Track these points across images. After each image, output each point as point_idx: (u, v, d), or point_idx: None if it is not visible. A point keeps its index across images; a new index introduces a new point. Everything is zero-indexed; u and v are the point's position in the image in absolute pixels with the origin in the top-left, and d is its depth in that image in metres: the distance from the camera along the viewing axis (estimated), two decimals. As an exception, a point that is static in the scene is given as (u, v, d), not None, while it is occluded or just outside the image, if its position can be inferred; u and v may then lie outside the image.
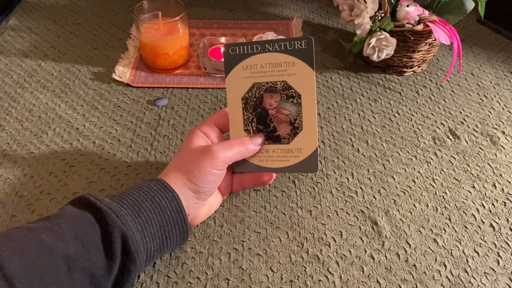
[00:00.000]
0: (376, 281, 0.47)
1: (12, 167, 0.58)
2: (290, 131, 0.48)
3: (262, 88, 0.48)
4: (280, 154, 0.49)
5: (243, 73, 0.48)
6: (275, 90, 0.48)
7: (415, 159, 0.62)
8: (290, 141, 0.49)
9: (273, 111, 0.49)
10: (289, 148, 0.49)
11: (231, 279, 0.47)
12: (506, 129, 0.67)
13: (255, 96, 0.49)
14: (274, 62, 0.48)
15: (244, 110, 0.49)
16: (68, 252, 0.36)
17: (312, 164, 0.49)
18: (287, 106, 0.48)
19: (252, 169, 0.50)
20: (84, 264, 0.37)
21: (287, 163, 0.49)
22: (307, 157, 0.48)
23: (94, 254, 0.37)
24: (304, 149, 0.49)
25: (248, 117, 0.49)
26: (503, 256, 0.50)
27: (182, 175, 0.45)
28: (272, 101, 0.48)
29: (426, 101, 0.72)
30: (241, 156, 0.48)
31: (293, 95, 0.48)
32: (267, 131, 0.49)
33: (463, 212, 0.55)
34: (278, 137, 0.49)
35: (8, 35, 0.83)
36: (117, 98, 0.70)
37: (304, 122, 0.48)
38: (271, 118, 0.49)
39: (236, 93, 0.49)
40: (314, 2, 0.98)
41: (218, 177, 0.46)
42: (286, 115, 0.48)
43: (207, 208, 0.50)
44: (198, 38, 0.84)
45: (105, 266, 0.38)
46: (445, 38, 0.67)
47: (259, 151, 0.49)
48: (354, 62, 0.80)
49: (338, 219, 0.53)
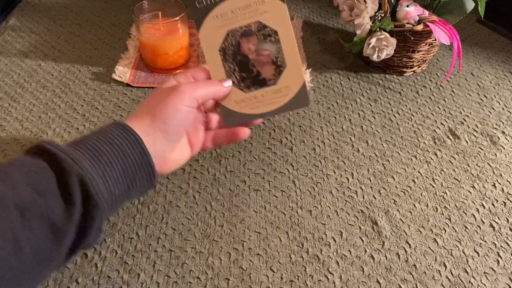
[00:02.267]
0: (376, 281, 0.47)
1: (12, 167, 0.58)
2: (274, 70, 0.47)
3: (237, 34, 0.47)
4: (269, 97, 0.48)
5: (215, 23, 0.47)
6: (250, 33, 0.47)
7: (415, 159, 0.62)
8: (277, 81, 0.47)
9: (253, 55, 0.47)
10: (277, 88, 0.47)
11: (231, 279, 0.47)
12: (506, 129, 0.67)
13: (232, 44, 0.47)
14: (243, 4, 0.47)
15: (224, 61, 0.48)
16: (21, 199, 0.34)
17: (303, 99, 0.47)
18: (266, 46, 0.47)
19: (244, 118, 0.48)
20: (40, 212, 0.34)
21: (278, 104, 0.48)
22: (296, 93, 0.47)
23: (51, 200, 0.35)
24: (292, 86, 0.48)
25: (230, 68, 0.48)
26: (503, 256, 0.50)
27: (148, 115, 0.42)
28: (250, 45, 0.47)
29: (426, 101, 0.72)
30: (211, 96, 0.46)
31: (270, 34, 0.47)
32: (252, 76, 0.48)
33: (463, 212, 0.55)
34: (263, 80, 0.48)
35: (8, 35, 0.83)
36: (117, 98, 0.70)
37: (287, 58, 0.47)
38: (253, 62, 0.47)
39: (213, 45, 0.48)
40: (314, 2, 0.98)
41: (186, 115, 0.43)
42: (267, 56, 0.47)
43: (176, 155, 0.46)
44: (198, 38, 0.84)
45: (65, 212, 0.35)
46: (445, 38, 0.67)
47: (248, 99, 0.48)
48: (354, 62, 0.80)
49: (338, 219, 0.53)
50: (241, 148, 0.62)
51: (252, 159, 0.60)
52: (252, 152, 0.62)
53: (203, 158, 0.60)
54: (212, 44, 0.48)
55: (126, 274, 0.47)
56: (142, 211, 0.54)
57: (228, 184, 0.57)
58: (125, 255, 0.49)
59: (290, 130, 0.65)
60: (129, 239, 0.51)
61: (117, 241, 0.50)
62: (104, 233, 0.51)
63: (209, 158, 0.60)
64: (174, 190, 0.56)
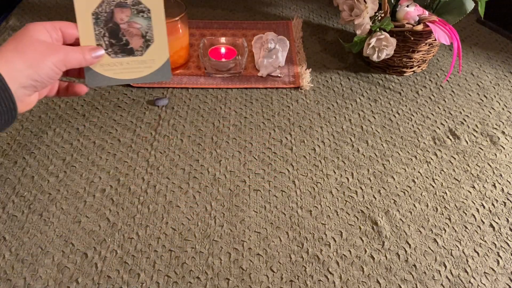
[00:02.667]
0: (376, 281, 0.47)
1: (12, 167, 0.58)
2: (143, 43, 0.52)
3: (112, 4, 0.51)
4: (134, 66, 0.52)
5: None
6: (125, 5, 0.51)
7: (415, 159, 0.62)
8: (143, 53, 0.52)
9: (124, 25, 0.51)
10: (142, 59, 0.52)
11: (231, 279, 0.47)
12: (506, 129, 0.67)
13: (105, 11, 0.51)
14: None
15: (95, 25, 0.51)
16: None
17: (165, 73, 0.53)
18: (138, 20, 0.52)
19: (106, 81, 0.52)
20: None
21: (141, 74, 0.53)
22: (160, 67, 0.53)
23: None
24: (156, 60, 0.53)
25: (100, 32, 0.51)
26: (503, 256, 0.50)
27: (23, 61, 0.46)
28: (123, 16, 0.51)
29: (426, 101, 0.72)
30: (79, 64, 0.50)
31: (143, 10, 0.51)
32: (120, 44, 0.52)
33: (463, 212, 0.55)
34: (131, 49, 0.52)
35: (8, 35, 0.83)
36: (117, 98, 0.70)
37: (155, 35, 0.52)
38: (123, 32, 0.51)
39: (86, 8, 0.51)
40: (314, 2, 0.98)
41: (56, 75, 0.47)
42: (138, 29, 0.52)
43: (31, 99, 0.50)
44: (198, 38, 0.84)
45: None
46: (445, 38, 0.67)
47: (113, 64, 0.52)
48: (354, 62, 0.80)
49: (338, 219, 0.53)
50: (241, 148, 0.62)
51: (252, 159, 0.61)
52: (252, 152, 0.62)
53: (203, 158, 0.60)
54: (85, 7, 0.51)
55: (126, 274, 0.47)
56: (142, 211, 0.54)
57: (228, 184, 0.57)
58: (125, 255, 0.49)
59: (290, 130, 0.65)
60: (129, 239, 0.51)
61: (117, 241, 0.50)
62: (104, 233, 0.51)
63: (209, 158, 0.60)
64: (174, 190, 0.56)
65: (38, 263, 0.48)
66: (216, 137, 0.64)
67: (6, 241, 0.50)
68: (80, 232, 0.51)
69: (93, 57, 0.51)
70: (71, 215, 0.53)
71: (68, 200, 0.54)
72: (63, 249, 0.49)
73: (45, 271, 0.47)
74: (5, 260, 0.48)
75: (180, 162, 0.60)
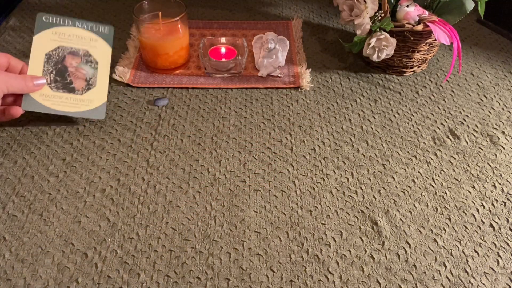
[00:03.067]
0: (376, 281, 0.47)
1: (12, 167, 0.58)
2: (85, 86, 0.59)
3: (66, 51, 0.59)
4: (72, 102, 0.58)
5: (51, 36, 0.59)
6: (77, 54, 0.59)
7: (415, 159, 0.62)
8: (83, 93, 0.59)
9: (72, 69, 0.59)
10: (81, 98, 0.59)
11: (231, 279, 0.47)
12: (506, 129, 0.67)
13: (58, 55, 0.59)
14: (81, 35, 0.60)
15: (46, 63, 0.58)
16: None
17: (100, 113, 0.60)
18: (86, 68, 0.60)
19: (42, 109, 0.58)
20: None
21: (77, 109, 0.59)
22: (96, 107, 0.59)
23: None
24: (94, 101, 0.59)
25: (48, 69, 0.58)
26: (503, 256, 0.50)
27: None
28: (73, 62, 0.59)
29: (426, 101, 0.72)
30: (20, 91, 0.54)
31: (92, 61, 0.60)
32: (64, 82, 0.58)
33: (463, 212, 0.55)
34: (73, 88, 0.59)
35: (8, 35, 0.83)
36: (117, 98, 0.70)
37: (98, 82, 0.60)
38: (69, 73, 0.59)
39: (41, 49, 0.58)
40: (314, 2, 0.98)
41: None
42: (83, 74, 0.59)
43: None
44: (198, 38, 0.84)
45: None
46: (445, 38, 0.67)
47: (53, 96, 0.58)
48: (354, 62, 0.80)
49: (338, 219, 0.53)
50: (241, 148, 0.62)
51: (252, 159, 0.61)
52: (252, 152, 0.62)
53: (203, 158, 0.60)
54: (41, 47, 0.59)
55: (126, 274, 0.47)
56: (142, 211, 0.54)
57: (228, 184, 0.57)
58: (125, 255, 0.49)
59: (290, 130, 0.65)
60: (129, 239, 0.51)
61: (117, 241, 0.50)
62: (104, 233, 0.51)
63: (209, 158, 0.60)
64: (174, 190, 0.56)
65: (38, 263, 0.48)
66: (216, 137, 0.64)
67: (6, 241, 0.50)
68: (80, 232, 0.51)
69: (35, 85, 0.55)
70: (71, 215, 0.53)
71: (68, 200, 0.54)
72: (63, 249, 0.49)
73: (45, 271, 0.47)
74: (5, 260, 0.48)
75: (180, 162, 0.60)
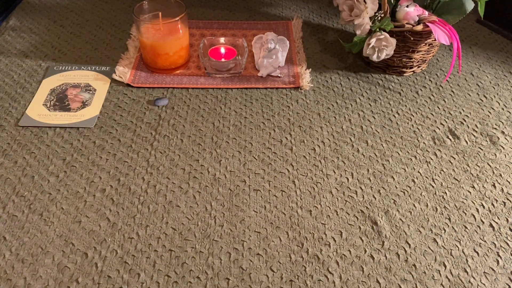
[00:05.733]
0: (376, 281, 0.47)
1: (12, 167, 0.58)
2: (80, 106, 0.66)
3: (69, 85, 0.70)
4: (66, 117, 0.65)
5: (59, 77, 0.72)
6: (78, 86, 0.70)
7: (415, 159, 0.62)
8: (77, 111, 0.66)
9: (72, 96, 0.68)
10: (75, 114, 0.65)
11: (231, 279, 0.47)
12: (506, 129, 0.67)
13: (61, 88, 0.69)
14: (84, 74, 0.73)
15: (49, 95, 0.68)
16: None
17: (90, 122, 0.64)
18: (84, 95, 0.69)
19: (37, 124, 0.64)
20: None
21: (69, 121, 0.64)
22: (87, 119, 0.65)
23: None
24: (86, 115, 0.65)
25: (50, 99, 0.68)
26: (503, 256, 0.50)
27: None
28: (73, 92, 0.69)
29: (426, 101, 0.72)
30: None
31: (91, 89, 0.70)
32: (63, 106, 0.66)
33: (463, 212, 0.55)
34: (69, 108, 0.66)
35: (8, 36, 0.83)
36: (117, 98, 0.70)
37: (93, 103, 0.67)
38: (69, 99, 0.67)
39: (48, 86, 0.70)
40: (314, 2, 0.98)
41: None
42: (81, 98, 0.68)
43: None
44: (198, 39, 0.84)
45: None
46: (445, 39, 0.67)
47: (49, 115, 0.65)
48: (354, 62, 0.80)
49: (338, 219, 0.53)
50: (241, 148, 0.62)
51: (252, 159, 0.61)
52: (252, 152, 0.62)
53: (203, 158, 0.60)
54: (48, 86, 0.70)
55: (126, 274, 0.47)
56: (142, 211, 0.54)
57: (228, 184, 0.57)
58: (125, 255, 0.49)
59: (290, 130, 0.65)
60: (129, 239, 0.51)
61: (117, 241, 0.50)
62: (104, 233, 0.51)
63: (209, 158, 0.60)
64: (174, 190, 0.56)
65: (38, 263, 0.48)
66: (216, 137, 0.64)
67: (6, 241, 0.50)
68: (80, 232, 0.51)
69: None
70: (71, 215, 0.53)
71: (68, 200, 0.54)
72: (63, 249, 0.49)
73: (45, 271, 0.47)
74: (5, 260, 0.48)
75: (180, 162, 0.60)
